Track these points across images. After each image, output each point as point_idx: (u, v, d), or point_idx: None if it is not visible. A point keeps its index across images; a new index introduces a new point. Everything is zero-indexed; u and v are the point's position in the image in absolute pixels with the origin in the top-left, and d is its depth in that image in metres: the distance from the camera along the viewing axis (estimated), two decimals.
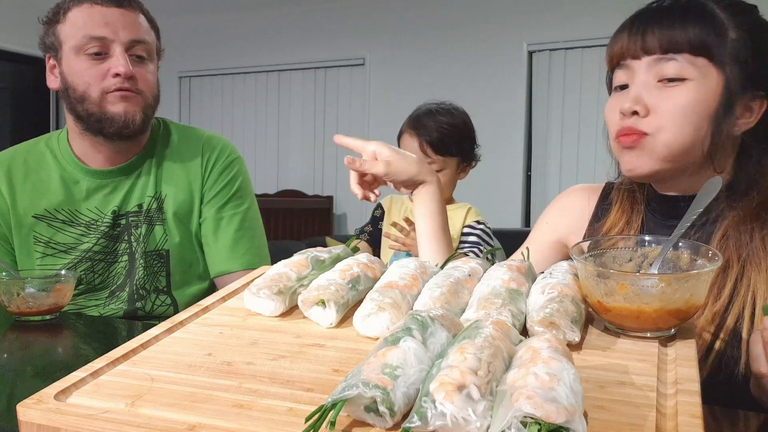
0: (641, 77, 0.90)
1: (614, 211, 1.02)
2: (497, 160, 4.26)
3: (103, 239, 1.31)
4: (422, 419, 0.44)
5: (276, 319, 0.73)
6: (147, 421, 0.50)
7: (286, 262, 0.80)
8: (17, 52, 4.81)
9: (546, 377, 0.45)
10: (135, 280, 1.32)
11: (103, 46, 1.23)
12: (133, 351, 0.64)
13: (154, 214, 1.33)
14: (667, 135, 0.87)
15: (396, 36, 4.89)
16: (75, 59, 1.24)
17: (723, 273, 0.87)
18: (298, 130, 5.36)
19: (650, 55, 0.88)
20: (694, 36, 0.85)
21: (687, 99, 0.86)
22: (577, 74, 4.39)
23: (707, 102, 0.86)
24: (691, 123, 0.86)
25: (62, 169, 1.32)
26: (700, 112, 0.86)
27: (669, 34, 0.86)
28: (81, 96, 1.24)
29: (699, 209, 0.76)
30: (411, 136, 1.72)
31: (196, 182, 1.35)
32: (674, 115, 0.87)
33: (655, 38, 0.87)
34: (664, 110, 0.87)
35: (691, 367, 0.57)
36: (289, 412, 0.51)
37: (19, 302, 1.08)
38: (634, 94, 0.90)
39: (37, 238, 1.30)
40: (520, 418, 0.42)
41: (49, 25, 1.27)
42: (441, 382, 0.46)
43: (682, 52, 0.86)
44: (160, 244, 1.33)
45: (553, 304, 0.64)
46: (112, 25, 1.23)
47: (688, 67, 0.86)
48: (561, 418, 0.41)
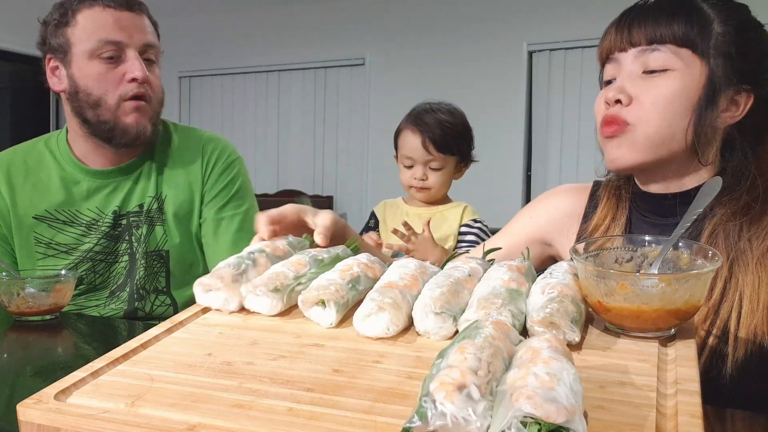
0: (627, 68, 0.92)
1: (600, 209, 1.03)
2: (497, 160, 4.25)
3: (104, 239, 1.31)
4: (422, 419, 0.44)
5: (276, 319, 0.73)
6: (147, 421, 0.50)
7: (284, 261, 0.80)
8: (17, 52, 4.81)
9: (546, 377, 0.45)
10: (136, 280, 1.32)
11: (118, 50, 1.23)
12: (133, 351, 0.64)
13: (154, 215, 1.33)
14: (649, 125, 0.89)
15: (396, 36, 4.89)
16: (88, 63, 1.23)
17: None
18: (298, 130, 5.37)
19: (636, 47, 0.91)
20: (678, 28, 0.87)
21: (670, 88, 0.88)
22: (577, 74, 4.39)
23: (690, 92, 0.88)
24: (673, 112, 0.88)
25: (62, 169, 1.32)
26: (683, 101, 0.88)
27: (654, 26, 0.89)
28: (96, 101, 1.24)
29: (699, 209, 0.76)
30: (413, 132, 1.72)
31: (196, 183, 1.35)
32: (656, 105, 0.88)
33: (641, 31, 0.90)
34: (647, 99, 0.89)
35: (691, 367, 0.57)
36: (289, 412, 0.51)
37: (19, 302, 1.08)
38: (618, 84, 0.92)
39: (38, 239, 1.30)
40: (520, 418, 0.42)
41: (56, 27, 1.26)
42: (441, 382, 0.45)
43: (665, 43, 0.88)
44: (160, 244, 1.34)
45: (553, 304, 0.64)
46: (127, 29, 1.23)
47: (672, 58, 0.88)
48: (561, 418, 0.41)
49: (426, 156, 1.71)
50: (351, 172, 5.19)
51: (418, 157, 1.72)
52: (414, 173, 1.74)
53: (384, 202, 1.89)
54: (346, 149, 5.19)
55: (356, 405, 0.52)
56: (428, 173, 1.73)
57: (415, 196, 1.78)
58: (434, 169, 1.73)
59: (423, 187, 1.74)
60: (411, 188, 1.77)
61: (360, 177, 5.13)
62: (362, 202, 5.09)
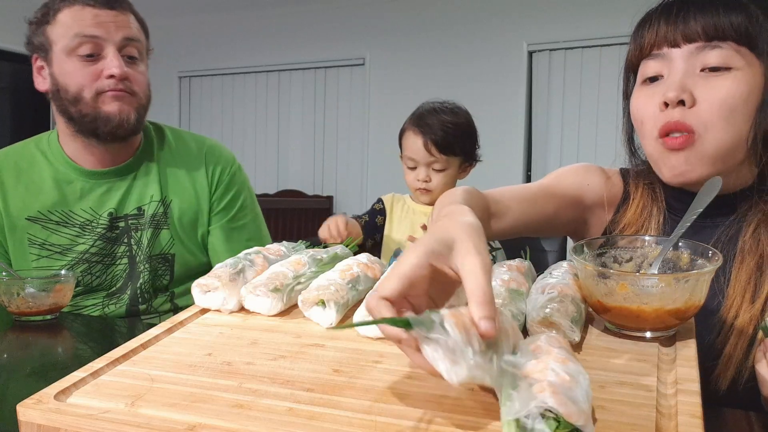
0: (680, 66, 0.83)
1: (633, 207, 0.96)
2: (497, 160, 4.25)
3: (100, 241, 1.30)
4: (428, 327, 0.45)
5: (276, 319, 0.73)
6: (147, 421, 0.50)
7: (284, 261, 0.80)
8: (17, 52, 4.81)
9: (566, 376, 0.45)
10: (139, 284, 1.32)
11: (96, 46, 1.22)
12: (133, 351, 0.64)
13: (160, 219, 1.33)
14: (716, 133, 0.81)
15: (396, 36, 4.89)
16: (66, 60, 1.23)
17: (757, 270, 0.82)
18: (298, 130, 5.36)
19: (692, 43, 0.82)
20: (738, 23, 0.80)
21: (734, 90, 0.80)
22: (577, 74, 4.39)
23: (753, 93, 0.81)
24: (740, 115, 0.81)
25: (55, 170, 1.31)
26: (748, 104, 0.81)
27: (714, 20, 0.80)
28: (74, 97, 1.23)
29: (699, 209, 0.75)
30: (415, 134, 1.72)
31: (203, 192, 1.37)
32: (722, 108, 0.80)
33: (699, 24, 0.81)
34: (711, 102, 0.81)
35: (691, 367, 0.57)
36: (289, 412, 0.51)
37: (19, 302, 1.08)
38: (678, 82, 0.82)
39: (32, 241, 1.29)
40: (541, 410, 0.42)
41: (38, 26, 1.25)
42: (454, 314, 0.47)
43: (726, 40, 0.80)
44: (166, 248, 1.34)
45: (553, 304, 0.64)
46: (105, 25, 1.22)
47: (734, 56, 0.80)
48: (581, 420, 0.42)
49: (428, 157, 1.71)
50: (351, 172, 5.19)
51: (421, 159, 1.72)
52: (417, 174, 1.74)
53: (393, 194, 1.88)
54: (346, 149, 5.19)
55: (356, 405, 0.52)
56: (431, 174, 1.73)
57: (419, 198, 1.78)
58: (437, 171, 1.73)
59: (426, 188, 1.73)
60: (416, 191, 1.77)
61: (360, 177, 5.12)
62: (362, 202, 5.09)
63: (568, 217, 1.02)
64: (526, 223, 0.96)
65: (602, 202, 1.01)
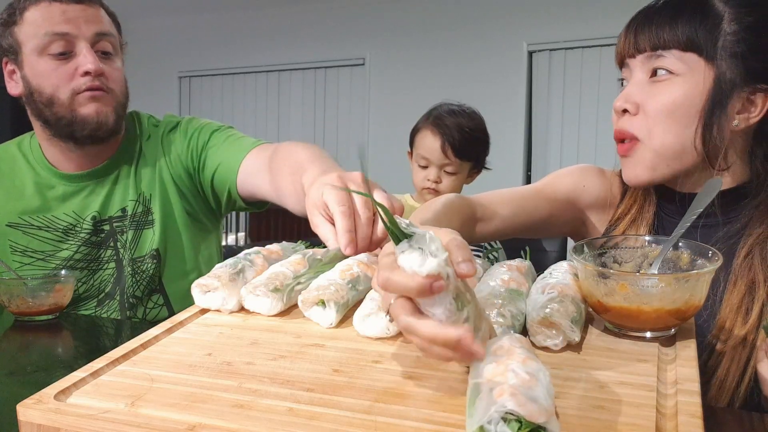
0: (636, 75, 0.91)
1: (625, 207, 1.00)
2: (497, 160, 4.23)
3: (84, 246, 1.26)
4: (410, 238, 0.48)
5: (276, 319, 0.73)
6: (147, 421, 0.50)
7: (283, 261, 0.80)
8: None
9: (526, 376, 0.45)
10: (126, 288, 1.27)
11: (67, 44, 1.17)
12: (133, 351, 0.64)
13: (140, 218, 1.28)
14: (656, 139, 0.88)
15: (396, 36, 4.89)
16: (38, 61, 1.17)
17: (749, 294, 0.84)
18: (298, 130, 5.36)
19: (642, 53, 0.89)
20: (682, 33, 0.86)
21: (673, 95, 0.86)
22: (577, 74, 4.39)
23: (694, 98, 0.86)
24: (678, 121, 0.87)
25: (36, 174, 1.27)
26: (687, 108, 0.86)
27: (658, 31, 0.87)
28: (48, 99, 1.18)
29: (699, 209, 0.75)
30: (434, 134, 1.70)
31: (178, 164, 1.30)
32: (661, 113, 0.87)
33: (645, 37, 0.88)
34: (652, 108, 0.88)
35: (691, 367, 0.57)
36: (289, 412, 0.51)
37: (20, 302, 1.08)
38: (625, 92, 0.91)
39: (13, 247, 1.25)
40: (502, 414, 0.42)
41: (5, 27, 1.20)
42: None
43: (669, 49, 0.86)
44: (150, 246, 1.28)
45: (553, 304, 0.64)
46: (74, 20, 1.17)
47: (675, 63, 0.86)
48: (542, 418, 0.42)
49: (443, 159, 1.69)
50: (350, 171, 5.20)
51: (435, 159, 1.71)
52: (428, 174, 1.73)
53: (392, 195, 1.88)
54: (346, 149, 5.19)
55: (356, 405, 0.52)
56: (442, 176, 1.72)
57: (425, 197, 1.77)
58: (449, 173, 1.72)
59: (435, 189, 1.73)
60: (423, 190, 1.76)
61: None
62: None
63: (565, 218, 1.05)
64: (514, 226, 1.01)
65: (600, 203, 1.04)
